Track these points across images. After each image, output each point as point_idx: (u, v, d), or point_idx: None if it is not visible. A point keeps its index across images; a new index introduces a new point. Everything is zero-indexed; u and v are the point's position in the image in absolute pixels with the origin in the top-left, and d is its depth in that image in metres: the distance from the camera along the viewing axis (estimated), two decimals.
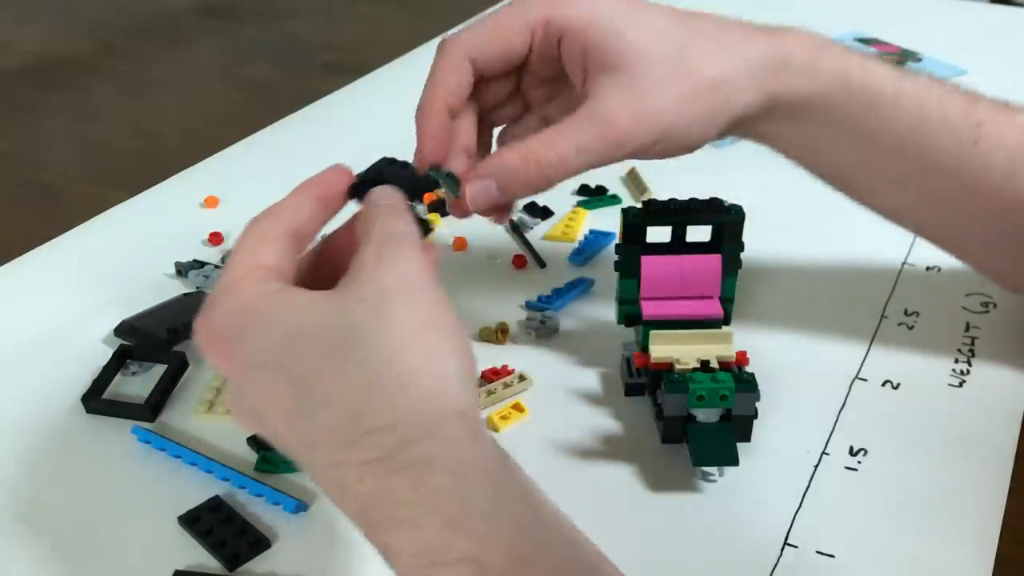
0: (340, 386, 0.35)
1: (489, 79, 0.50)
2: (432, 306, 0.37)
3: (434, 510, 0.33)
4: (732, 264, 0.51)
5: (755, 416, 0.49)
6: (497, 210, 0.50)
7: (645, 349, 0.51)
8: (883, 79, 0.50)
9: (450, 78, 0.48)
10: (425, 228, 0.43)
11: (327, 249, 0.44)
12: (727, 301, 0.52)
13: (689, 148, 0.49)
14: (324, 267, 0.43)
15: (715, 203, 0.51)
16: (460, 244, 0.67)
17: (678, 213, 0.51)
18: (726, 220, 0.51)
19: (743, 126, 0.50)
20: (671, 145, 0.48)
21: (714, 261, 0.51)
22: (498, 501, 0.34)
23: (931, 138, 0.50)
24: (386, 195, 0.44)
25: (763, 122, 0.50)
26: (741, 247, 0.51)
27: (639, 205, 0.51)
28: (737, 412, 0.48)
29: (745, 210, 0.51)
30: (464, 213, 0.49)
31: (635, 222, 0.51)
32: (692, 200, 0.51)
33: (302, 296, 0.37)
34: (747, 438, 0.49)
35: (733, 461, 0.47)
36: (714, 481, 0.48)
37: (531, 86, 0.52)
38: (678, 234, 0.52)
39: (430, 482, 0.34)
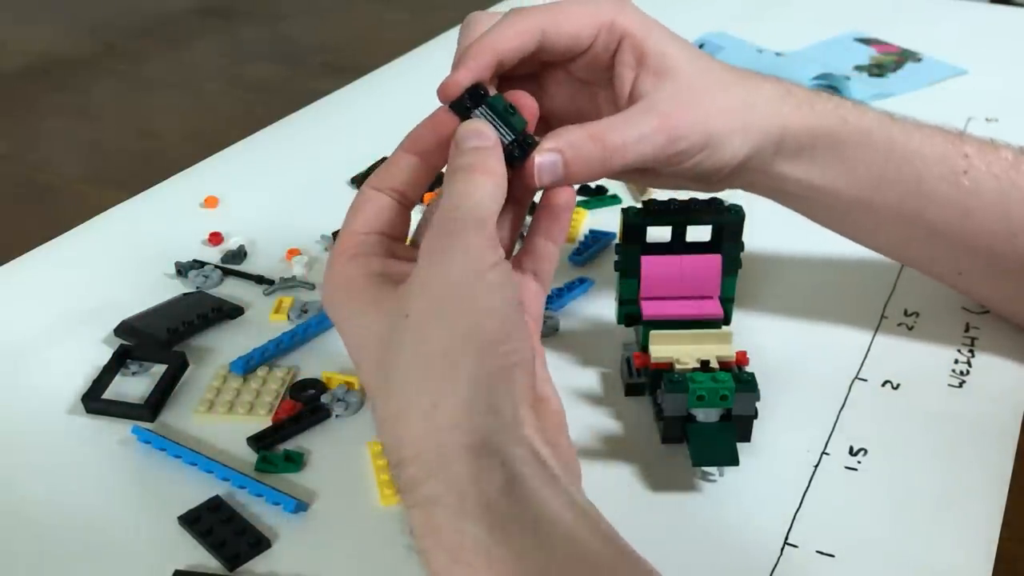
0: (381, 407, 0.38)
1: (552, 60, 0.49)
2: (464, 319, 0.37)
3: (439, 546, 0.35)
4: (732, 264, 0.52)
5: (755, 416, 0.49)
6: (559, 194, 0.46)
7: (645, 349, 0.51)
8: (874, 118, 0.53)
9: (513, 38, 0.46)
10: (528, 145, 0.43)
11: None
12: (727, 301, 0.52)
13: (724, 163, 0.49)
14: None
15: (715, 203, 0.51)
16: None
17: (678, 213, 0.51)
18: (726, 220, 0.51)
19: (756, 164, 0.51)
20: (713, 153, 0.49)
21: (714, 261, 0.51)
22: (494, 534, 0.34)
23: (924, 168, 0.52)
24: (472, 134, 0.42)
25: (774, 159, 0.51)
26: (741, 247, 0.51)
27: (639, 205, 0.51)
28: (737, 412, 0.48)
29: (745, 210, 0.51)
30: (527, 189, 0.45)
31: (635, 221, 0.51)
32: (692, 200, 0.51)
33: (365, 299, 0.40)
34: (747, 438, 0.49)
35: (733, 461, 0.47)
36: (714, 481, 0.48)
37: (555, 83, 0.51)
38: (678, 234, 0.52)
39: (434, 520, 0.35)
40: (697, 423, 0.48)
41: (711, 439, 0.47)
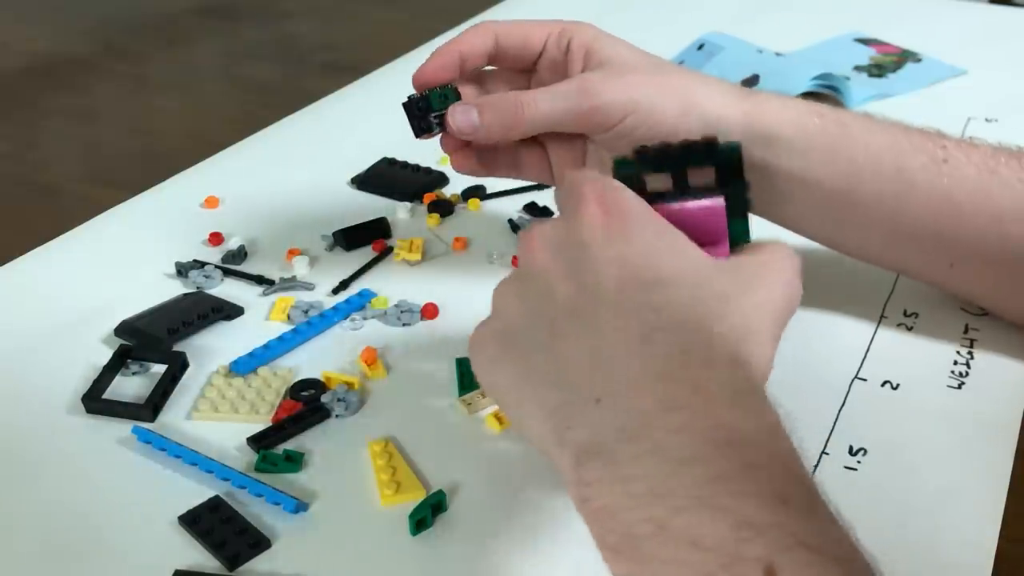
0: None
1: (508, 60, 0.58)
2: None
3: None
4: (738, 205, 0.47)
5: None
6: (480, 156, 0.57)
7: None
8: (849, 113, 0.56)
9: (472, 39, 0.56)
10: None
11: None
12: (740, 244, 0.47)
13: (661, 128, 0.52)
14: None
15: (709, 139, 0.46)
16: (460, 244, 0.67)
17: (672, 158, 0.46)
18: (720, 159, 0.46)
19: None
20: (642, 119, 0.52)
21: (718, 206, 0.46)
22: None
23: (904, 158, 0.53)
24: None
25: (747, 145, 0.50)
26: (745, 185, 0.47)
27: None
28: None
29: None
30: (453, 144, 0.57)
31: (630, 172, 0.45)
32: (684, 142, 0.46)
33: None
34: None
35: None
36: None
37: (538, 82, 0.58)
38: (679, 179, 0.47)
39: None
40: None
41: None
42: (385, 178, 0.75)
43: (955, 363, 0.56)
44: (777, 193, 0.55)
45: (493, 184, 0.74)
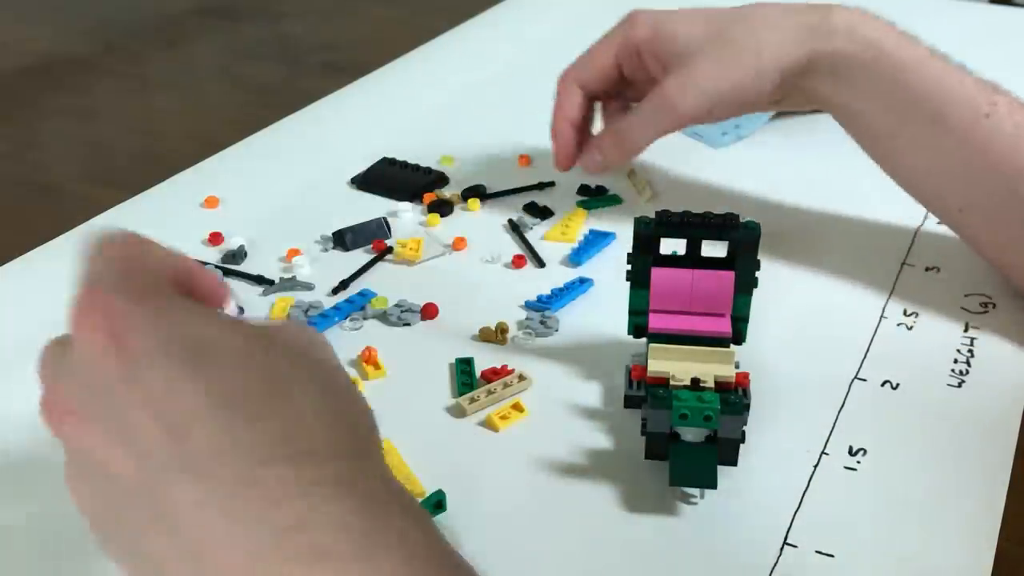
0: None
1: (600, 92, 0.65)
2: None
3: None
4: (746, 282, 0.50)
5: (742, 440, 0.47)
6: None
7: None
8: (914, 53, 0.59)
9: (567, 104, 0.64)
10: None
11: None
12: (740, 320, 0.50)
13: (749, 107, 0.61)
14: None
15: (730, 218, 0.49)
16: (460, 244, 0.67)
17: (691, 226, 0.49)
18: (740, 236, 0.49)
19: (793, 86, 0.59)
20: (726, 107, 0.60)
21: (727, 278, 0.49)
22: None
23: (946, 106, 0.57)
24: None
25: (808, 78, 0.59)
26: (757, 265, 0.49)
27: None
28: (723, 434, 0.46)
29: (745, 211, 0.51)
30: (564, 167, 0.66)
31: (647, 232, 0.49)
32: (707, 213, 0.49)
33: None
34: (733, 462, 0.47)
35: (711, 484, 0.46)
36: (695, 503, 0.47)
37: (639, 83, 0.64)
38: (693, 247, 0.50)
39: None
40: (681, 442, 0.47)
41: (692, 460, 0.46)
42: (385, 178, 0.75)
43: (955, 362, 0.56)
44: (837, 117, 0.62)
45: (493, 184, 0.74)
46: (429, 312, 0.60)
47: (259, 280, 0.64)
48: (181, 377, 0.30)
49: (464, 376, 0.55)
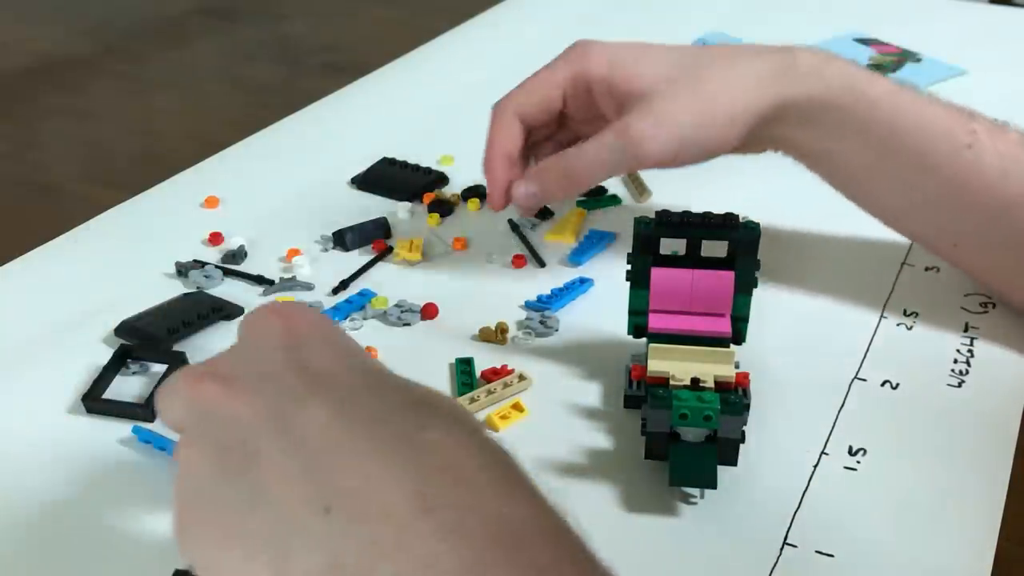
0: None
1: (538, 125, 0.60)
2: None
3: None
4: (746, 282, 0.50)
5: (742, 440, 0.47)
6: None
7: None
8: (885, 88, 0.56)
9: (504, 135, 0.58)
10: None
11: None
12: (740, 320, 0.50)
13: (711, 154, 0.56)
14: None
15: (730, 218, 0.49)
16: (460, 244, 0.67)
17: (691, 226, 0.49)
18: (740, 236, 0.49)
19: (760, 132, 0.56)
20: (691, 152, 0.55)
21: (726, 278, 0.50)
22: None
23: (928, 142, 0.55)
24: None
25: (777, 126, 0.56)
26: (756, 265, 0.50)
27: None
28: (723, 434, 0.46)
29: (744, 211, 0.51)
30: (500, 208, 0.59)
31: (647, 232, 0.49)
32: (707, 213, 0.49)
33: None
34: (733, 462, 0.47)
35: (711, 484, 0.46)
36: (695, 503, 0.47)
37: (575, 123, 0.60)
38: (693, 247, 0.50)
39: None
40: (681, 442, 0.47)
41: (692, 460, 0.46)
42: (385, 178, 0.75)
43: (955, 362, 0.56)
44: (807, 159, 0.59)
45: None
46: (429, 312, 0.60)
47: (259, 280, 0.64)
48: (338, 357, 0.33)
49: (464, 376, 0.55)
